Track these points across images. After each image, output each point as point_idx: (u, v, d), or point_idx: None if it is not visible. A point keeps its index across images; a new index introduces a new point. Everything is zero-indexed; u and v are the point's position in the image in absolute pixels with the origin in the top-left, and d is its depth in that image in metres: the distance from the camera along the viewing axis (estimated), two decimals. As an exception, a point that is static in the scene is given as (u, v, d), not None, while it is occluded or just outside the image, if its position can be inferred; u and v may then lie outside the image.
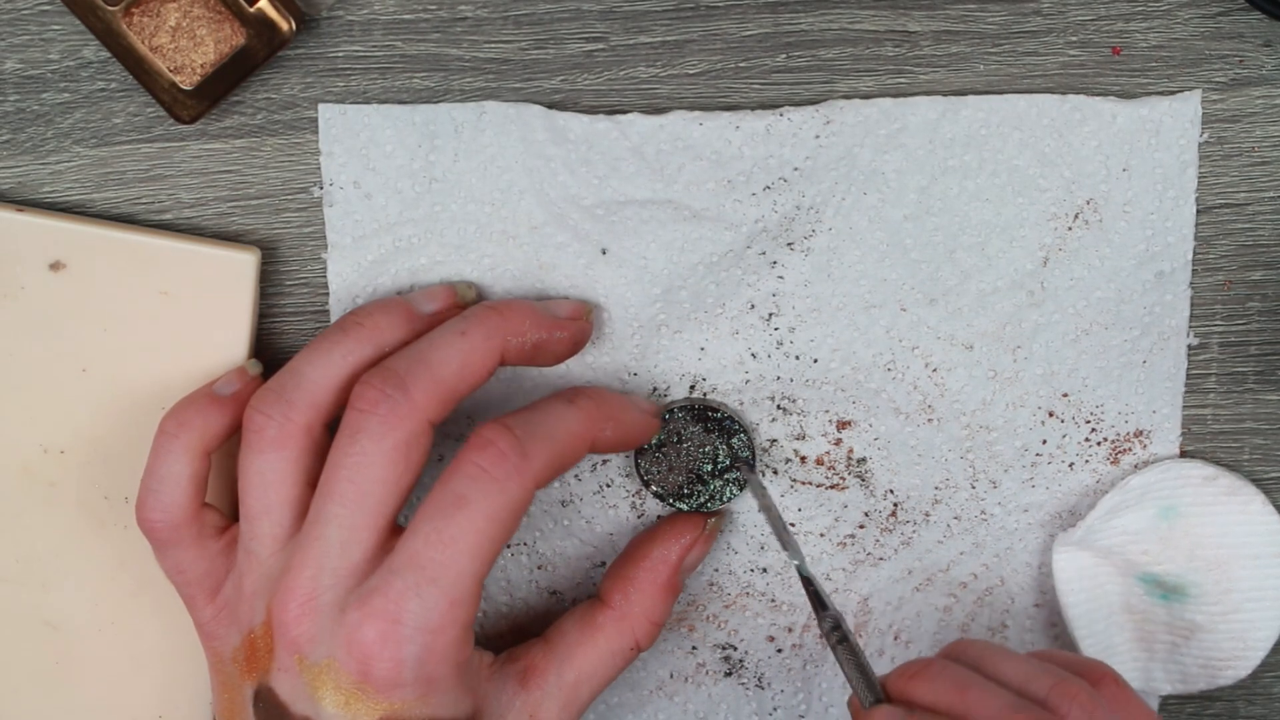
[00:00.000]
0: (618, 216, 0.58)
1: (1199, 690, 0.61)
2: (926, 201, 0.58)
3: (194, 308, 0.57)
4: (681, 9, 0.57)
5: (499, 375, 0.60)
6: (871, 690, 0.53)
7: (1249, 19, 0.57)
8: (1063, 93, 0.57)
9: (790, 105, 0.57)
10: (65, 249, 0.57)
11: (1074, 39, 0.57)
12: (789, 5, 0.57)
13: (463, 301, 0.57)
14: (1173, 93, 0.58)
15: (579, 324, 0.57)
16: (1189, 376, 0.60)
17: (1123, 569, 0.60)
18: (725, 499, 0.60)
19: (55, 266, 0.57)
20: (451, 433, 0.60)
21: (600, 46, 0.57)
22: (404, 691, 0.52)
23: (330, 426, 0.55)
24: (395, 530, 0.53)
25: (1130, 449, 0.61)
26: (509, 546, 0.61)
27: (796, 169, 0.57)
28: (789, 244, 0.58)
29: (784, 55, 0.57)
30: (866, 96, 0.57)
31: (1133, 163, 0.58)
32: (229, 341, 0.58)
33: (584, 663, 0.57)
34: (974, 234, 0.58)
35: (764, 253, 0.58)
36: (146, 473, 0.56)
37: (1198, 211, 0.59)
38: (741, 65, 0.57)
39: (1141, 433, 0.61)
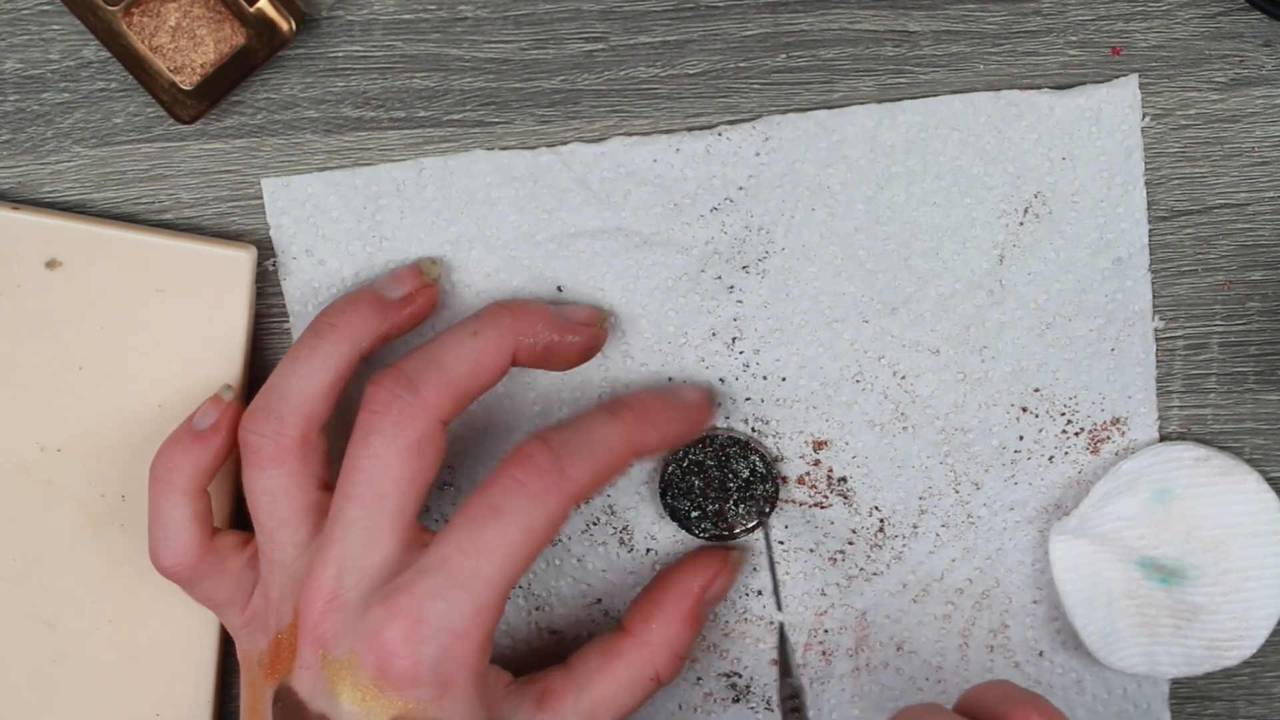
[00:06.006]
0: (570, 250, 0.58)
1: (1204, 672, 0.61)
2: (875, 211, 0.58)
3: (190, 305, 0.57)
4: (681, 9, 0.57)
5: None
6: None
7: (1249, 19, 0.57)
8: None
9: (728, 121, 0.58)
10: (61, 247, 0.57)
11: (1074, 39, 0.57)
12: (789, 5, 0.57)
13: (429, 279, 0.57)
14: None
15: (592, 330, 0.57)
16: (1188, 376, 0.60)
17: (1120, 554, 0.60)
18: (748, 525, 0.60)
19: (51, 265, 0.57)
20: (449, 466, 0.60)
21: (600, 46, 0.57)
22: (420, 691, 0.51)
23: (328, 428, 0.55)
24: (418, 529, 0.54)
25: (1109, 437, 0.60)
26: None
27: (741, 188, 0.58)
28: (744, 267, 0.58)
29: (784, 55, 0.57)
30: (864, 97, 0.58)
31: (1074, 152, 0.58)
32: (225, 339, 0.58)
33: (603, 690, 0.57)
34: (926, 239, 0.58)
35: (720, 277, 0.58)
36: (150, 521, 0.56)
37: (1197, 211, 0.59)
38: (741, 65, 0.58)
39: (1119, 420, 0.60)
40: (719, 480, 0.59)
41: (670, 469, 0.59)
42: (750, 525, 0.60)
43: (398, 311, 0.56)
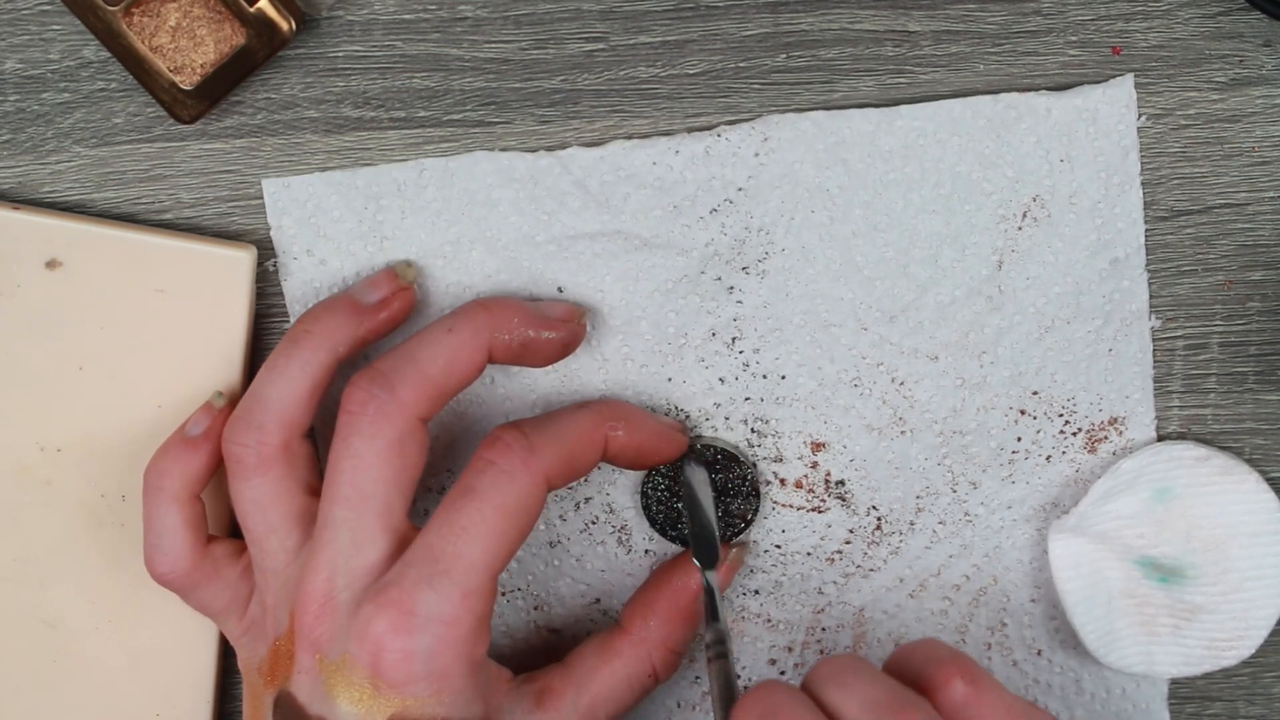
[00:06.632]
0: (570, 252, 0.58)
1: (1203, 672, 0.61)
2: (873, 217, 0.58)
3: (190, 305, 0.57)
4: (681, 9, 0.57)
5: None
6: (725, 717, 0.52)
7: (1249, 19, 0.57)
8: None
9: (728, 121, 0.58)
10: (61, 247, 0.57)
11: (1074, 39, 0.57)
12: (789, 5, 0.57)
13: (404, 281, 0.57)
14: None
15: (570, 326, 0.57)
16: (1188, 376, 0.60)
17: (1119, 553, 0.60)
18: (737, 532, 0.60)
19: (52, 265, 0.57)
20: (433, 486, 0.61)
21: (600, 46, 0.57)
22: (416, 687, 0.51)
23: (311, 434, 0.56)
24: (408, 527, 0.54)
25: (1106, 437, 0.60)
26: (504, 593, 0.62)
27: (740, 189, 0.58)
28: (743, 268, 0.58)
29: (784, 55, 0.57)
30: (864, 97, 0.57)
31: (1073, 153, 0.58)
32: (225, 339, 0.58)
33: (600, 687, 0.57)
34: (925, 246, 0.58)
35: (719, 278, 0.58)
36: (145, 529, 0.56)
37: (1197, 211, 0.59)
38: (741, 65, 0.57)
39: (1116, 420, 0.60)
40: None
41: (652, 479, 0.60)
42: (733, 534, 0.60)
43: (374, 316, 0.56)
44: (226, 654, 0.61)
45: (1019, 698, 0.49)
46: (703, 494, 0.59)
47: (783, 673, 0.62)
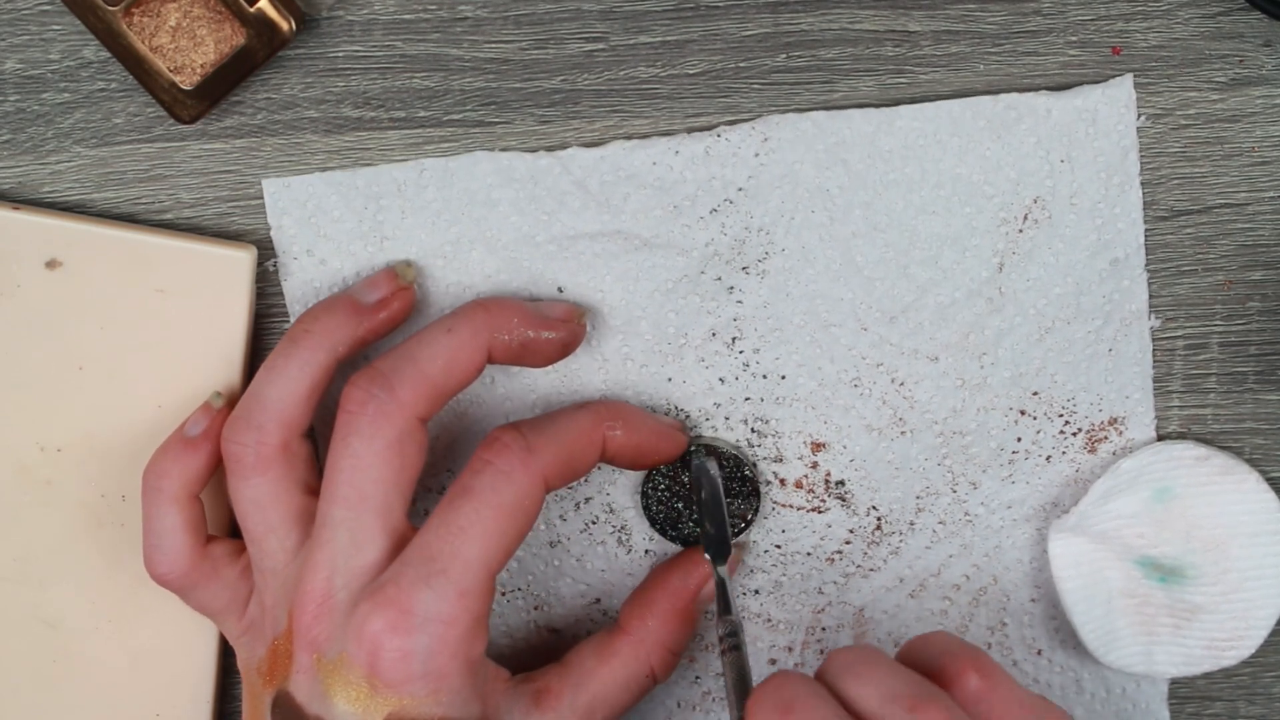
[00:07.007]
0: (570, 252, 0.58)
1: (1203, 672, 0.61)
2: (873, 218, 0.58)
3: (190, 305, 0.57)
4: (681, 9, 0.57)
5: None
6: (740, 708, 0.52)
7: (1249, 19, 0.57)
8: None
9: (728, 121, 0.58)
10: (61, 247, 0.57)
11: (1074, 39, 0.57)
12: (789, 5, 0.57)
13: (404, 281, 0.57)
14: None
15: (570, 326, 0.57)
16: (1188, 376, 0.60)
17: (1119, 553, 0.60)
18: (737, 532, 0.60)
19: (52, 264, 0.57)
20: (433, 486, 0.61)
21: (600, 46, 0.57)
22: (413, 686, 0.51)
23: (311, 433, 0.56)
24: (407, 527, 0.54)
25: (1106, 437, 0.60)
26: (504, 593, 0.62)
27: (740, 189, 0.58)
28: (744, 268, 0.58)
29: (784, 55, 0.57)
30: (864, 97, 0.57)
31: (1073, 154, 0.58)
32: (225, 339, 0.58)
33: (599, 687, 0.57)
34: (925, 248, 0.58)
35: (719, 278, 0.58)
36: (144, 529, 0.56)
37: (1197, 211, 0.59)
38: (741, 65, 0.58)
39: (1116, 420, 0.60)
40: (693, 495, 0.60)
41: (652, 479, 0.60)
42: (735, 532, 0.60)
43: (373, 316, 0.56)
44: (226, 654, 0.61)
45: (1031, 692, 0.49)
46: (712, 488, 0.59)
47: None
